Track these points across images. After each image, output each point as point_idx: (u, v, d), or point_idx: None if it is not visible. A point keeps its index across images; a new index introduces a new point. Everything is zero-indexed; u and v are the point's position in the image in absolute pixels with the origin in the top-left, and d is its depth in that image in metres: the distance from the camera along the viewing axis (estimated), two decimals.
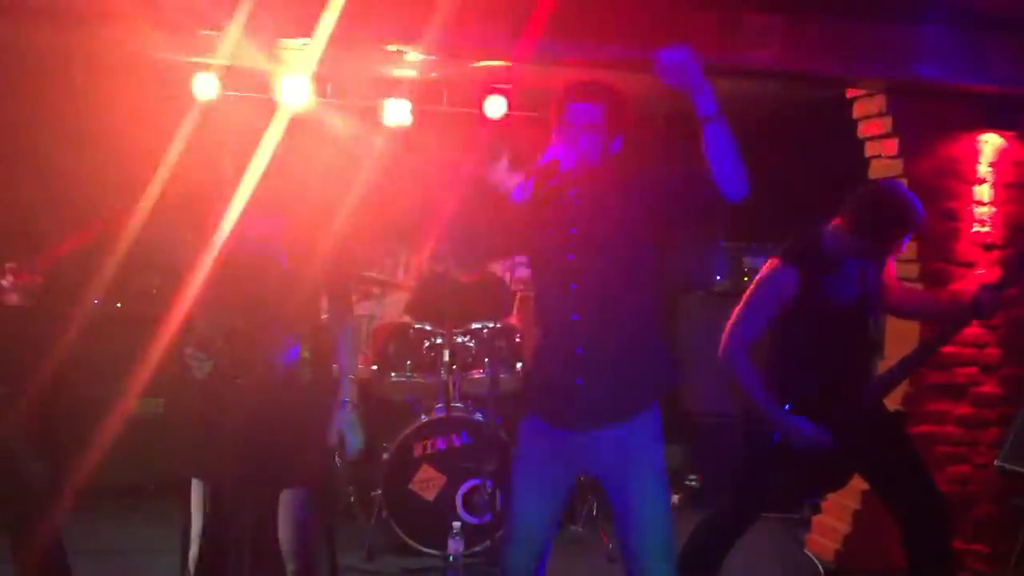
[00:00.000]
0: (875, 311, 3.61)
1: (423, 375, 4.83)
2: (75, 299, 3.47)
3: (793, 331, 3.42)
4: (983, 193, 4.63)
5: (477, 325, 4.89)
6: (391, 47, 3.95)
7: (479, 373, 4.83)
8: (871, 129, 4.68)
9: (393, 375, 4.88)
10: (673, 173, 2.76)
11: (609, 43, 4.00)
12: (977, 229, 4.62)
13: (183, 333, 2.94)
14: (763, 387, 3.36)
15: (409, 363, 4.86)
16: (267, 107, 4.71)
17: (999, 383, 4.67)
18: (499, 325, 4.93)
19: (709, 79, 2.57)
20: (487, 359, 4.72)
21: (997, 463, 4.39)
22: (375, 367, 4.94)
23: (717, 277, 5.85)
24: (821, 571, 4.62)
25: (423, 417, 4.65)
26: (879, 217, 3.36)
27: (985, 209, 4.63)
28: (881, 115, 4.60)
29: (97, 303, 4.86)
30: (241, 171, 2.89)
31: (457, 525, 4.20)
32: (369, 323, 5.70)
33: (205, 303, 2.90)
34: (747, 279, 5.43)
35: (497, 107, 5.52)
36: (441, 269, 5.24)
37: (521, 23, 3.68)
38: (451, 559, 4.31)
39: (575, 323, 2.77)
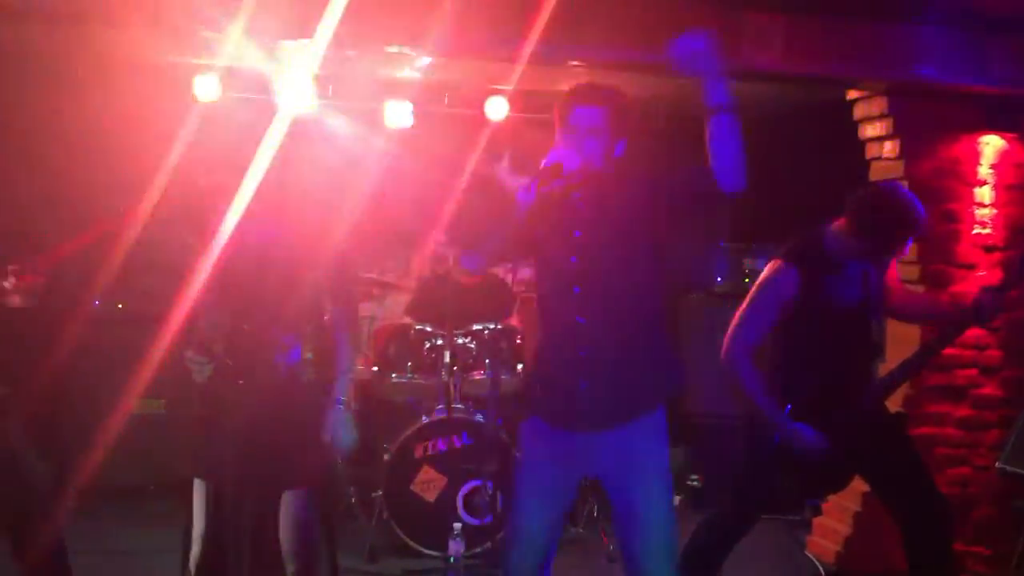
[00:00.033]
0: (877, 313, 3.61)
1: (424, 376, 4.83)
2: (77, 300, 3.47)
3: (795, 332, 3.42)
4: (984, 195, 4.63)
5: (478, 326, 4.89)
6: (393, 48, 3.95)
7: (480, 374, 4.83)
8: (872, 130, 4.68)
9: (394, 376, 4.88)
10: (674, 171, 2.76)
11: (610, 45, 4.00)
12: (978, 231, 4.62)
13: (184, 335, 2.94)
14: (765, 390, 3.36)
15: (410, 364, 4.86)
16: (268, 109, 4.71)
17: (1000, 385, 4.66)
18: (500, 326, 4.93)
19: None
20: (488, 360, 4.72)
21: (998, 465, 4.39)
22: (376, 368, 4.94)
23: (718, 278, 5.85)
24: (822, 573, 4.62)
25: (424, 418, 4.65)
26: (880, 219, 3.36)
27: (986, 211, 4.63)
28: (882, 116, 4.60)
29: (98, 304, 4.87)
30: (242, 172, 2.89)
31: (458, 526, 4.20)
32: (370, 324, 5.71)
33: (207, 304, 2.91)
34: (748, 280, 5.45)
35: (498, 109, 5.53)
36: (442, 270, 5.25)
37: (523, 25, 3.68)
38: (452, 560, 4.30)
39: (579, 326, 2.76)
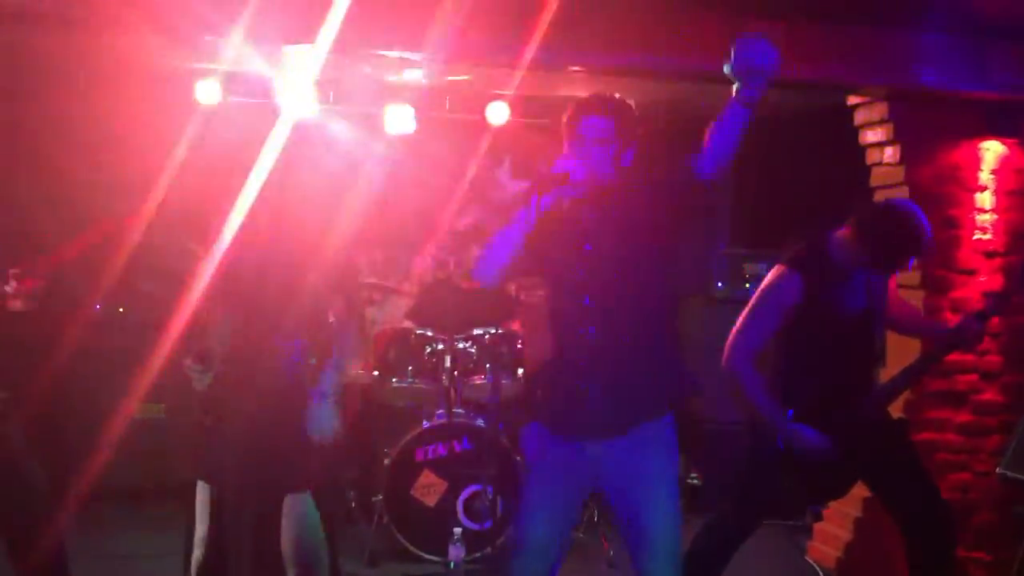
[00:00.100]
0: (880, 323, 3.61)
1: (424, 381, 4.83)
2: (78, 304, 3.48)
3: (797, 339, 3.41)
4: (985, 200, 4.63)
5: (479, 331, 4.89)
6: (394, 54, 3.96)
7: (480, 379, 4.82)
8: (872, 136, 4.68)
9: (394, 381, 4.88)
10: (673, 172, 2.75)
11: (611, 50, 4.01)
12: (979, 236, 4.62)
13: (184, 343, 2.95)
14: (767, 393, 3.36)
15: (410, 369, 4.86)
16: (270, 113, 4.72)
17: (1000, 390, 4.66)
18: (501, 331, 4.93)
19: (711, 86, 2.57)
20: (488, 365, 4.72)
21: (999, 471, 4.38)
22: (376, 372, 4.94)
23: (718, 283, 5.85)
24: None
25: (424, 423, 4.66)
26: (887, 239, 3.36)
27: (987, 216, 4.63)
28: (882, 122, 4.60)
29: (99, 308, 4.87)
30: (244, 177, 2.90)
31: (458, 531, 4.19)
32: (371, 328, 5.70)
33: (210, 313, 2.91)
34: (748, 285, 5.45)
35: (500, 114, 5.53)
36: (443, 275, 5.25)
37: (524, 30, 3.68)
38: (452, 565, 4.30)
39: (590, 336, 2.76)
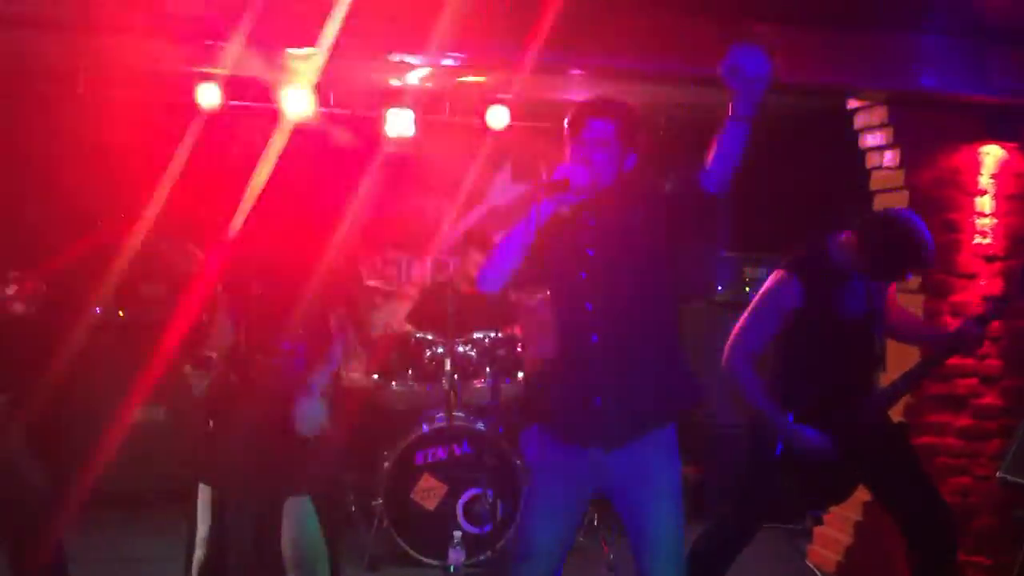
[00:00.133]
0: (880, 325, 3.61)
1: (424, 384, 4.84)
2: (78, 308, 3.48)
3: (796, 342, 3.42)
4: (984, 204, 4.63)
5: (479, 334, 4.89)
6: (394, 57, 3.96)
7: (480, 382, 4.83)
8: (872, 140, 4.69)
9: (394, 384, 4.88)
10: (672, 179, 2.76)
11: (611, 54, 4.02)
12: (978, 240, 4.62)
13: (184, 348, 2.95)
14: (767, 395, 3.36)
15: (411, 372, 4.86)
16: (271, 117, 4.73)
17: (1000, 395, 4.66)
18: (500, 334, 4.93)
19: (711, 89, 2.57)
20: (488, 368, 4.72)
21: (999, 475, 4.38)
22: (376, 376, 4.94)
23: (718, 287, 5.85)
24: None
25: (424, 426, 4.65)
26: (888, 251, 3.38)
27: (986, 220, 4.63)
28: (882, 126, 4.61)
29: (100, 311, 4.87)
30: (244, 181, 2.90)
31: (458, 535, 4.20)
32: (374, 332, 5.70)
33: (212, 318, 2.92)
34: (748, 289, 5.44)
35: (499, 117, 5.54)
36: (443, 278, 5.25)
37: (524, 34, 3.69)
38: (452, 569, 4.31)
39: (593, 342, 2.75)
